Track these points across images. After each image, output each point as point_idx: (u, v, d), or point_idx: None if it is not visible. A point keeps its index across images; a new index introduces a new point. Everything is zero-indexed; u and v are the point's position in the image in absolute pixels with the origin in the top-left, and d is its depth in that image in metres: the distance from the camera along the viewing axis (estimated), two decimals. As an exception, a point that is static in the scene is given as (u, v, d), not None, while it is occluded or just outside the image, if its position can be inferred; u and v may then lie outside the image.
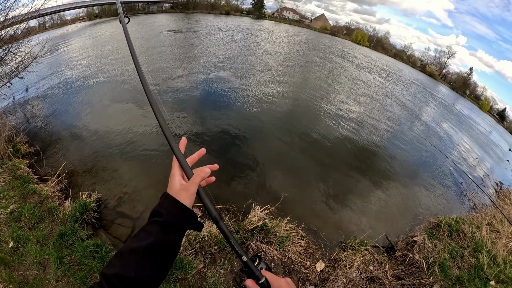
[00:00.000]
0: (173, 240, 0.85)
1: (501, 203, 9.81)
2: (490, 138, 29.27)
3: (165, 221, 0.85)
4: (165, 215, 0.85)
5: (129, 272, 0.76)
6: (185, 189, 0.90)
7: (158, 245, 0.81)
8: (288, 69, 20.06)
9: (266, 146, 8.38)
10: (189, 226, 0.92)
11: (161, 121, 1.08)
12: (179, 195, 0.88)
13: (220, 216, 0.93)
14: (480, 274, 5.40)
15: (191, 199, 0.90)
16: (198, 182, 0.92)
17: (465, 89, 71.45)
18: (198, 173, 0.94)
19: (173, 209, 0.87)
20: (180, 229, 0.87)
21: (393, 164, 10.00)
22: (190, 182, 0.91)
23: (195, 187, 0.91)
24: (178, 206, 0.87)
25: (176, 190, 0.90)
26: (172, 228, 0.85)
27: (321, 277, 4.32)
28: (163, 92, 11.45)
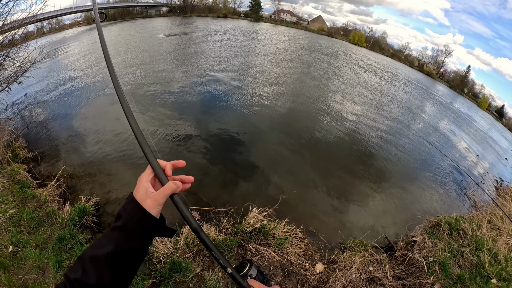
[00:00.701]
0: (135, 247, 0.81)
1: (502, 200, 9.79)
2: (489, 136, 29.28)
3: (125, 227, 0.81)
4: (125, 220, 0.81)
5: (90, 279, 0.74)
6: (153, 198, 0.84)
7: (118, 253, 0.78)
8: (285, 71, 20.07)
9: (263, 148, 8.36)
10: (155, 234, 0.88)
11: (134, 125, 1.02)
12: (144, 202, 0.83)
13: (200, 227, 0.89)
14: (482, 273, 5.37)
15: (158, 209, 0.84)
16: (168, 194, 0.86)
17: (463, 88, 71.55)
18: (170, 185, 0.88)
19: (136, 215, 0.82)
20: (142, 237, 0.83)
21: (391, 164, 9.98)
22: (161, 192, 0.86)
23: (164, 198, 0.86)
24: (141, 212, 0.82)
25: (141, 196, 0.84)
26: (134, 235, 0.81)
27: (320, 279, 4.29)
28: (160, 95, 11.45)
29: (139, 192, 0.85)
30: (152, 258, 4.03)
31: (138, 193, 0.85)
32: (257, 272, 0.96)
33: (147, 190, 0.86)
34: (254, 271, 0.96)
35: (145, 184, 0.87)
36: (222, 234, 4.58)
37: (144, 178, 0.89)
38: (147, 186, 0.87)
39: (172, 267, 3.80)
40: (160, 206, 0.85)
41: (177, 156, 7.32)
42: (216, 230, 4.64)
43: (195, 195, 5.71)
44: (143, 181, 0.88)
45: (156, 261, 3.99)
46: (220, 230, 4.72)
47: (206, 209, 5.28)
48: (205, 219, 5.05)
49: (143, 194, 0.84)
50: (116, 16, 51.73)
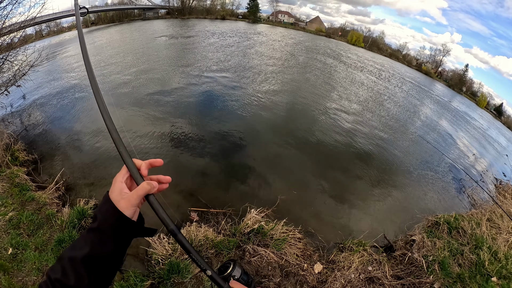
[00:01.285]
0: (110, 249, 0.79)
1: (501, 198, 9.79)
2: (488, 134, 29.31)
3: (100, 229, 0.79)
4: (100, 222, 0.79)
5: (69, 280, 0.73)
6: (126, 199, 0.81)
7: (93, 256, 0.76)
8: (283, 71, 20.09)
9: (261, 149, 8.36)
10: (132, 235, 0.85)
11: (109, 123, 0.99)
12: (118, 203, 0.80)
13: (178, 229, 0.84)
14: (482, 271, 5.36)
15: (132, 210, 0.81)
16: (141, 195, 0.83)
17: (462, 86, 71.71)
18: (144, 185, 0.84)
19: (110, 217, 0.79)
20: (118, 239, 0.80)
21: (390, 163, 9.98)
22: (134, 193, 0.82)
23: (137, 199, 0.82)
24: (116, 214, 0.79)
25: (115, 197, 0.81)
26: (109, 238, 0.78)
27: (319, 279, 4.29)
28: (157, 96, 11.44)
29: (114, 193, 0.83)
30: (151, 260, 4.02)
31: (113, 193, 0.83)
32: (241, 272, 0.93)
33: (122, 190, 0.83)
34: (237, 272, 0.93)
35: (119, 185, 0.85)
36: (220, 235, 4.57)
37: (119, 178, 0.86)
38: (121, 187, 0.84)
39: (171, 268, 3.80)
40: (133, 207, 0.82)
41: (175, 158, 7.31)
42: (214, 231, 4.63)
43: (193, 196, 5.71)
44: (117, 181, 0.85)
45: (155, 262, 3.98)
46: (219, 231, 4.71)
47: (205, 210, 5.27)
48: (203, 220, 5.04)
49: (118, 195, 0.82)
50: (114, 19, 51.81)
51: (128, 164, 0.89)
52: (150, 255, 4.08)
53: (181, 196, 5.77)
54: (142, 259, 4.13)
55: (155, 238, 4.25)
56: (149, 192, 0.84)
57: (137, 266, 3.97)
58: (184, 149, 7.76)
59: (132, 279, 3.63)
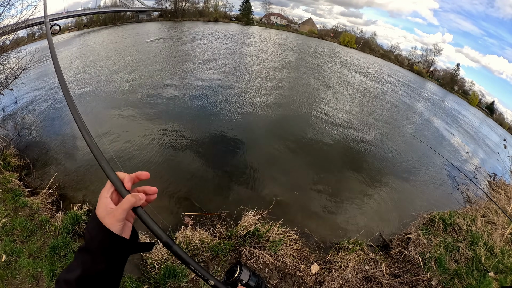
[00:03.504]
0: (102, 268, 0.76)
1: (495, 194, 9.88)
2: (481, 131, 29.65)
3: (88, 249, 0.77)
4: (88, 242, 0.78)
5: None
6: (111, 214, 0.78)
7: (86, 276, 0.74)
8: (276, 74, 20.10)
9: (255, 151, 8.34)
10: (125, 252, 0.83)
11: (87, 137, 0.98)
12: (104, 219, 0.77)
13: (172, 240, 0.80)
14: (478, 266, 5.39)
15: (118, 226, 0.78)
16: (127, 209, 0.79)
17: (453, 85, 72.51)
18: (128, 198, 0.80)
19: (97, 235, 0.77)
20: (108, 258, 0.78)
21: (384, 163, 10.05)
22: (119, 207, 0.79)
23: (123, 213, 0.78)
24: (102, 232, 0.76)
25: (101, 214, 0.78)
26: (98, 257, 0.76)
27: (316, 280, 4.27)
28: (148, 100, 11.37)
29: (99, 209, 0.80)
30: (147, 265, 3.97)
31: (98, 210, 0.80)
32: (250, 274, 0.88)
33: (107, 206, 0.80)
34: (245, 275, 0.87)
35: (104, 200, 0.81)
36: (216, 239, 4.54)
37: (104, 194, 0.83)
38: (106, 203, 0.81)
39: (167, 273, 3.76)
40: (119, 222, 0.78)
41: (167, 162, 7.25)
42: (209, 235, 4.59)
43: (187, 200, 5.67)
44: (102, 197, 0.82)
45: (151, 267, 3.94)
46: (214, 234, 4.68)
47: (199, 214, 5.23)
48: (198, 224, 4.99)
49: (103, 211, 0.79)
50: (107, 21, 51.42)
51: (111, 178, 0.85)
52: (146, 260, 4.03)
53: (174, 201, 5.73)
54: (138, 264, 4.07)
55: None
56: (135, 204, 0.80)
57: (133, 272, 3.91)
58: (176, 153, 7.71)
59: (128, 285, 3.59)
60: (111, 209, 0.79)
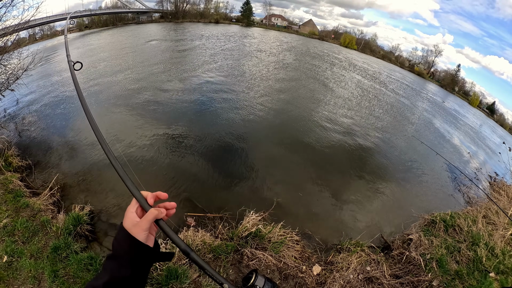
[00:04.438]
0: (128, 274, 0.86)
1: (496, 195, 9.88)
2: (481, 132, 29.63)
3: (116, 256, 0.88)
4: (116, 249, 0.88)
5: None
6: (137, 225, 0.89)
7: (113, 282, 0.84)
8: (277, 75, 20.14)
9: (256, 153, 8.34)
10: (148, 260, 0.93)
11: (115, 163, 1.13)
12: (131, 230, 0.88)
13: (190, 248, 0.90)
14: (479, 267, 5.39)
15: (143, 235, 0.89)
16: (151, 220, 0.91)
17: (454, 86, 72.54)
18: (152, 211, 0.93)
19: (124, 244, 0.88)
20: (134, 264, 0.87)
21: (385, 164, 10.05)
22: (144, 218, 0.91)
23: (147, 224, 0.90)
24: (129, 240, 0.87)
25: (128, 225, 0.90)
26: (125, 263, 0.86)
27: (318, 281, 4.28)
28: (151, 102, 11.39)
29: (126, 222, 0.91)
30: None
31: (125, 222, 0.91)
32: (264, 281, 0.93)
33: (133, 219, 0.91)
34: (260, 281, 0.93)
35: (130, 215, 0.93)
36: (218, 240, 4.55)
37: (130, 209, 0.95)
38: (132, 216, 0.92)
39: (169, 274, 3.76)
40: (144, 232, 0.89)
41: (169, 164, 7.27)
42: (211, 236, 4.61)
43: (190, 201, 5.69)
44: (129, 212, 0.94)
45: (152, 268, 3.94)
46: (216, 235, 4.69)
47: (201, 215, 5.25)
48: (200, 225, 5.01)
49: (130, 223, 0.90)
50: (108, 22, 51.57)
51: (136, 196, 0.97)
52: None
53: (177, 202, 5.69)
54: None
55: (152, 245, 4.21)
56: (158, 217, 0.92)
57: None
58: (178, 155, 7.73)
59: None
60: (137, 221, 0.91)
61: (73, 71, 1.83)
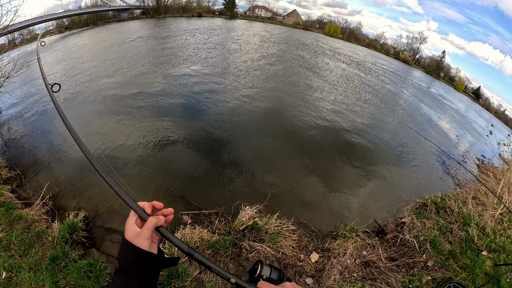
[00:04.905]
0: (136, 283, 0.89)
1: (484, 177, 10.12)
2: (468, 116, 30.19)
3: (123, 268, 0.90)
4: (120, 261, 0.91)
5: None
6: (139, 235, 0.92)
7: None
8: (263, 67, 19.94)
9: (247, 146, 8.33)
10: (155, 267, 0.95)
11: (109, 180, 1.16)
12: (133, 241, 0.91)
13: (193, 249, 0.93)
14: (472, 246, 5.55)
15: (146, 243, 0.91)
16: (151, 228, 0.94)
17: (439, 72, 73.52)
18: (151, 219, 0.95)
19: (129, 255, 0.90)
20: (141, 272, 0.90)
21: (374, 150, 10.22)
22: (144, 228, 0.93)
23: (148, 232, 0.92)
24: (133, 250, 0.89)
25: (130, 236, 0.92)
26: (132, 273, 0.89)
27: (316, 268, 4.36)
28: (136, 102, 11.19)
29: (128, 234, 0.93)
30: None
31: (127, 234, 0.93)
32: (270, 270, 0.96)
33: (134, 230, 0.94)
34: (266, 271, 0.95)
35: (131, 227, 0.95)
36: (215, 235, 4.57)
37: (130, 221, 0.97)
38: (133, 228, 0.95)
39: (170, 274, 3.77)
40: (147, 240, 0.91)
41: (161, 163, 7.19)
42: (209, 232, 4.62)
43: (184, 199, 5.68)
44: (129, 224, 0.96)
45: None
46: (213, 231, 4.71)
47: (197, 212, 5.24)
48: (197, 222, 5.00)
49: (131, 234, 0.92)
50: (88, 22, 50.10)
51: (134, 208, 1.00)
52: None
53: (171, 200, 5.72)
54: None
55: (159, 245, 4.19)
56: (157, 224, 0.95)
57: None
58: (168, 153, 7.64)
59: None
60: (138, 231, 0.93)
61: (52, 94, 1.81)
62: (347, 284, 4.08)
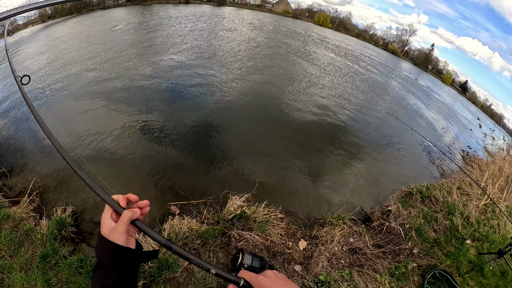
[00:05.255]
0: (115, 280, 0.87)
1: (469, 168, 10.35)
2: (454, 109, 30.75)
3: (100, 265, 0.88)
4: (98, 258, 0.89)
5: None
6: (114, 230, 0.89)
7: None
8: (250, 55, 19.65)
9: (234, 135, 8.23)
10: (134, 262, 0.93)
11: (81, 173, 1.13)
12: (109, 236, 0.88)
13: (171, 241, 0.91)
14: (456, 235, 5.70)
15: (122, 238, 0.89)
16: (126, 222, 0.91)
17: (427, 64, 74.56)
18: (126, 213, 0.92)
19: (106, 251, 0.88)
20: (120, 268, 0.89)
21: (362, 140, 10.32)
22: (119, 222, 0.91)
23: (124, 226, 0.90)
24: (110, 246, 0.87)
25: (106, 232, 0.90)
26: (110, 269, 0.87)
27: (305, 255, 4.41)
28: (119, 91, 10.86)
29: (103, 229, 0.91)
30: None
31: (102, 230, 0.91)
32: (252, 258, 0.96)
33: (109, 225, 0.91)
34: (248, 259, 0.95)
35: (106, 221, 0.93)
36: (204, 225, 4.56)
37: (105, 216, 0.94)
38: (108, 223, 0.92)
39: (160, 265, 3.76)
40: (122, 235, 0.89)
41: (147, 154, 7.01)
42: (197, 222, 4.61)
43: (172, 189, 5.63)
44: (104, 219, 0.94)
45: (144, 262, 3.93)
46: (202, 221, 4.70)
47: (185, 202, 5.22)
48: (185, 212, 4.98)
49: (107, 229, 0.90)
50: (72, 10, 48.53)
51: (108, 202, 0.97)
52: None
53: (159, 192, 5.66)
54: None
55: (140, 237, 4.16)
56: (132, 217, 0.92)
57: None
58: (154, 144, 7.42)
59: None
60: (113, 226, 0.91)
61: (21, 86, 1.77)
62: (335, 271, 4.15)
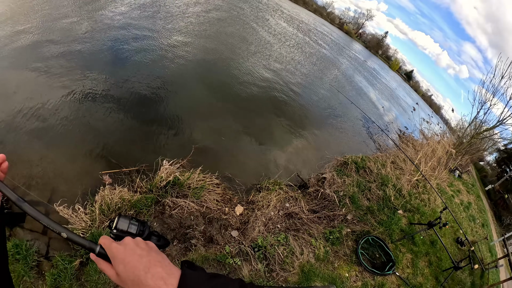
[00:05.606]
0: None
1: (404, 146, 11.23)
2: (397, 93, 32.88)
3: None
4: None
5: None
6: None
7: None
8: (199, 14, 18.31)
9: (175, 100, 7.52)
10: None
11: None
12: None
13: (22, 199, 0.79)
14: (389, 205, 6.17)
15: None
16: None
17: (378, 49, 78.64)
18: None
19: None
20: None
21: (304, 111, 10.48)
22: None
23: None
24: None
25: None
26: None
27: (241, 220, 4.43)
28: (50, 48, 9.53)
29: None
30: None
31: None
32: (129, 223, 0.81)
33: None
34: (123, 224, 0.81)
35: None
36: (137, 194, 4.33)
37: None
38: None
39: (93, 239, 3.50)
40: None
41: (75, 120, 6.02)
42: (130, 191, 4.34)
43: (103, 158, 5.19)
44: None
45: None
46: (135, 190, 4.44)
47: (117, 171, 4.87)
48: (117, 181, 4.64)
49: None
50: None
51: None
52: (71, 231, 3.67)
53: (89, 161, 5.13)
54: (63, 240, 3.68)
55: (69, 212, 3.82)
56: None
57: (62, 249, 3.54)
58: (84, 108, 6.37)
59: (61, 264, 3.26)
60: None
61: None
62: (271, 235, 4.22)
